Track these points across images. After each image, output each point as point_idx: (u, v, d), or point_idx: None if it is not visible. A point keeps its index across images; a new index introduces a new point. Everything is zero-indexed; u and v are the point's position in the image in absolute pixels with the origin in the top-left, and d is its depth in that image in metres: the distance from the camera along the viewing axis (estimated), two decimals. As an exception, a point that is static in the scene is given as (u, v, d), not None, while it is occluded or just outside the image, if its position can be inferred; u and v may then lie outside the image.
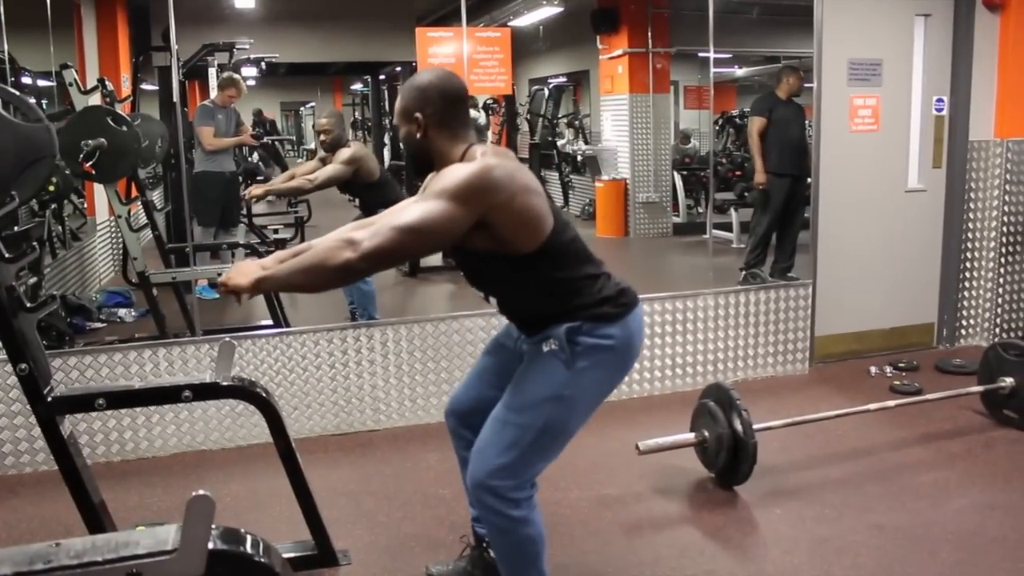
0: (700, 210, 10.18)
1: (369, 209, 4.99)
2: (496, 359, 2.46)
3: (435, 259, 7.54)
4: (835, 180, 5.24)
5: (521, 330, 2.35)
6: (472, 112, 4.21)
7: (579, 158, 11.32)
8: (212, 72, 7.06)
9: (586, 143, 11.49)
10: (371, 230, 2.02)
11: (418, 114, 2.21)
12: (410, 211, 2.02)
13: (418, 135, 2.21)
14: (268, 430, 2.68)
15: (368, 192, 5.21)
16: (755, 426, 3.46)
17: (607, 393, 2.29)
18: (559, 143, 12.10)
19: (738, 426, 3.42)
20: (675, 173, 9.93)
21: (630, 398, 4.74)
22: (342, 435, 4.32)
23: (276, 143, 10.15)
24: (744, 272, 6.52)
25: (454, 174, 2.05)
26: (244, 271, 2.13)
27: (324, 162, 5.22)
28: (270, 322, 5.08)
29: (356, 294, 5.28)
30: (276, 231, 6.29)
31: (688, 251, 8.98)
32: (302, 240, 7.51)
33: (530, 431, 2.19)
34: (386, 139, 12.15)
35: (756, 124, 6.41)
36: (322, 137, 5.18)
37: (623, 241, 9.68)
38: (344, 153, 5.14)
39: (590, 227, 10.32)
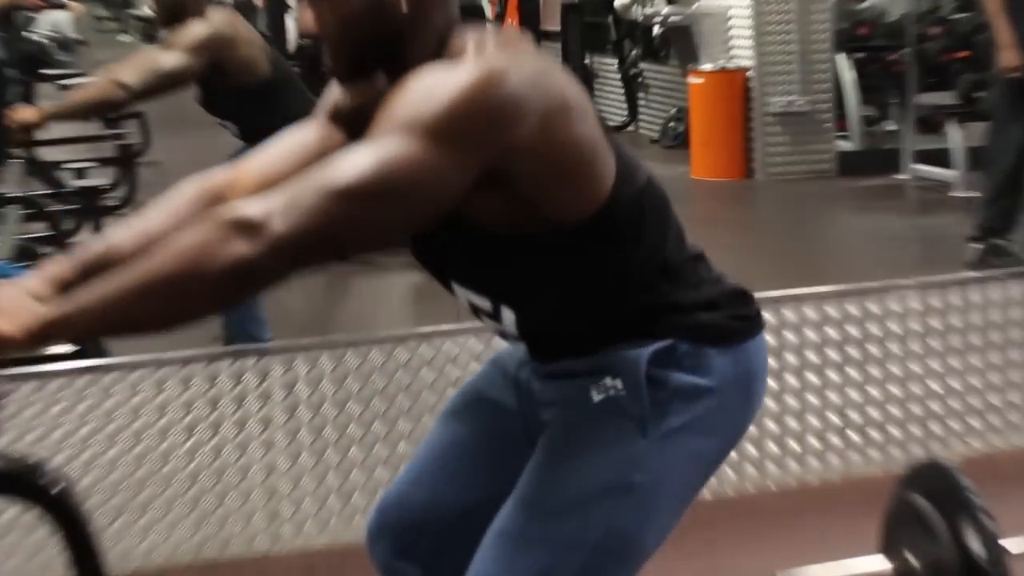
0: (890, 127, 8.14)
1: (254, 137, 3.75)
2: (475, 430, 1.96)
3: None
4: None
5: (545, 358, 1.81)
6: None
7: (656, 31, 9.02)
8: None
9: (670, 3, 8.99)
10: (283, 198, 1.51)
11: None
12: (356, 161, 1.51)
13: None
14: (65, 554, 2.06)
15: (251, 105, 3.87)
16: (1009, 547, 2.73)
17: (707, 478, 1.85)
18: (618, 3, 9.42)
19: (975, 546, 2.75)
20: (842, 57, 7.94)
21: (754, 490, 3.69)
22: (210, 566, 3.42)
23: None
24: (979, 245, 5.41)
25: (432, 92, 1.55)
26: (9, 305, 1.57)
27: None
28: (69, 347, 3.79)
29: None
30: (81, 173, 5.26)
31: (868, 205, 7.43)
32: (131, 190, 6.44)
33: (575, 554, 1.74)
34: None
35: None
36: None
37: (743, 189, 7.82)
38: (194, 32, 3.77)
39: (679, 162, 8.07)
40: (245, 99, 3.90)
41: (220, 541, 3.33)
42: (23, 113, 3.94)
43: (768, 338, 3.45)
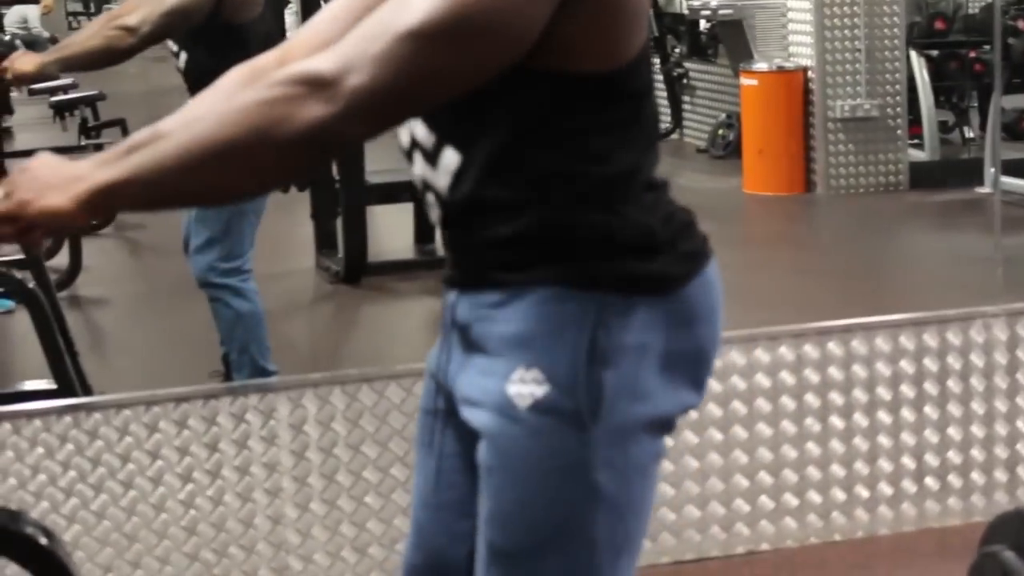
0: (969, 134, 7.93)
1: (194, 74, 3.67)
2: (435, 452, 1.86)
3: (399, 248, 6.01)
4: None
5: (463, 258, 1.70)
6: None
7: (703, 26, 8.84)
8: None
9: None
10: (353, 49, 1.46)
11: None
12: None
13: None
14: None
15: (216, 41, 3.57)
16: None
17: (670, 433, 1.78)
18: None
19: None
20: (914, 55, 7.59)
21: (819, 541, 3.48)
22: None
23: None
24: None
25: None
26: (55, 177, 1.49)
27: None
28: (48, 384, 3.68)
29: (225, 318, 3.87)
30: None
31: (945, 222, 7.18)
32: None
33: None
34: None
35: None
36: None
37: (802, 204, 7.51)
38: None
39: (730, 175, 7.76)
40: (216, 34, 3.61)
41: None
42: (19, 62, 3.66)
43: (835, 373, 3.38)
